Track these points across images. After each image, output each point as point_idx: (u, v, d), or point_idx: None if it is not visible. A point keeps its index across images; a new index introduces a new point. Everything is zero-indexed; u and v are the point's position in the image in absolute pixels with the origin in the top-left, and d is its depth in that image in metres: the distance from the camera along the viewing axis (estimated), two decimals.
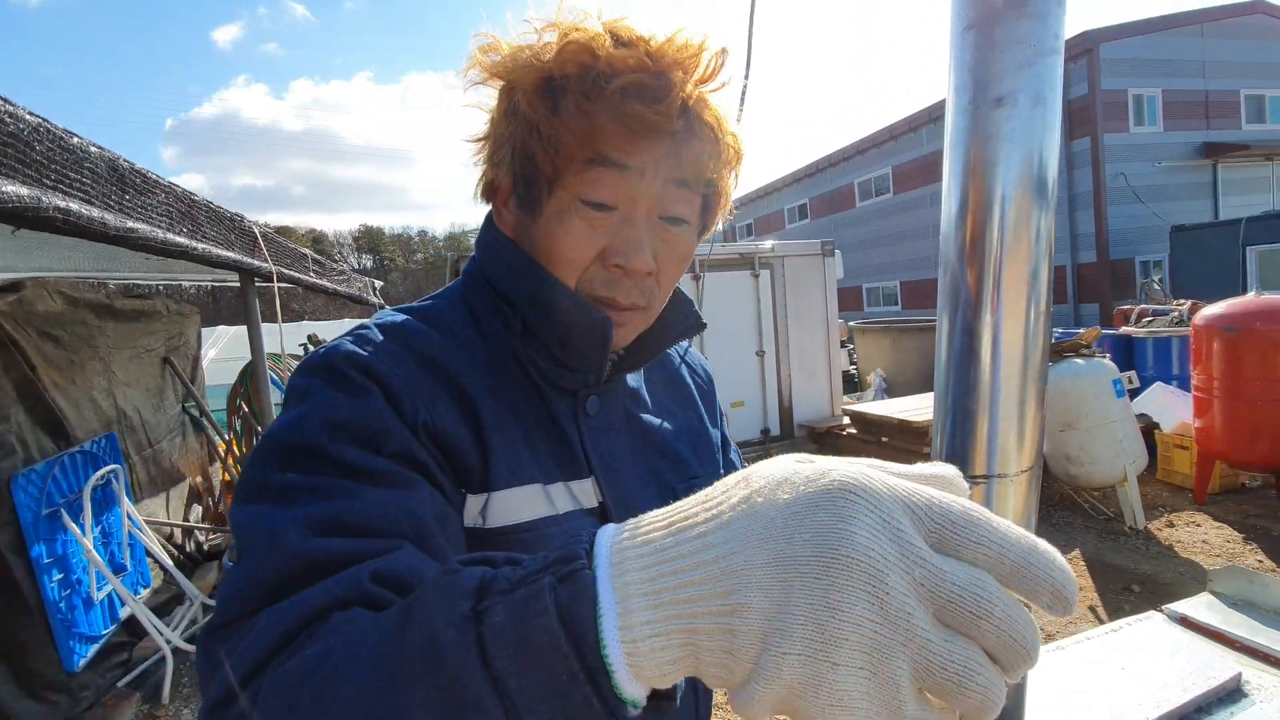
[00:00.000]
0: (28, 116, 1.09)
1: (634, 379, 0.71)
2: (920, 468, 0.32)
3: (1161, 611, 1.25)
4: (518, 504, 0.54)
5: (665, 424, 0.71)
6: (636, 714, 0.29)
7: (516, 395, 0.59)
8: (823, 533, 0.26)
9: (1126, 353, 5.91)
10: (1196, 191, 14.85)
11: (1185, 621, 1.20)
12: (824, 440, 6.40)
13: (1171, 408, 4.75)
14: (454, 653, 0.29)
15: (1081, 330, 5.03)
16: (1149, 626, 1.21)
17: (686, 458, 0.71)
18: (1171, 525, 4.05)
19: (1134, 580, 3.39)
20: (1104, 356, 4.29)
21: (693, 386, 0.80)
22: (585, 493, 0.60)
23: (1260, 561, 3.46)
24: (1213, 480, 4.34)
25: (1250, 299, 3.90)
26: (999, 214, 0.76)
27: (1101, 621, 3.04)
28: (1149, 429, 4.75)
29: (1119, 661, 1.08)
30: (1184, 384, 4.89)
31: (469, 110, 0.61)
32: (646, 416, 0.70)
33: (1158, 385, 5.08)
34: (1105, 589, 3.34)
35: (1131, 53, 13.85)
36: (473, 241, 0.68)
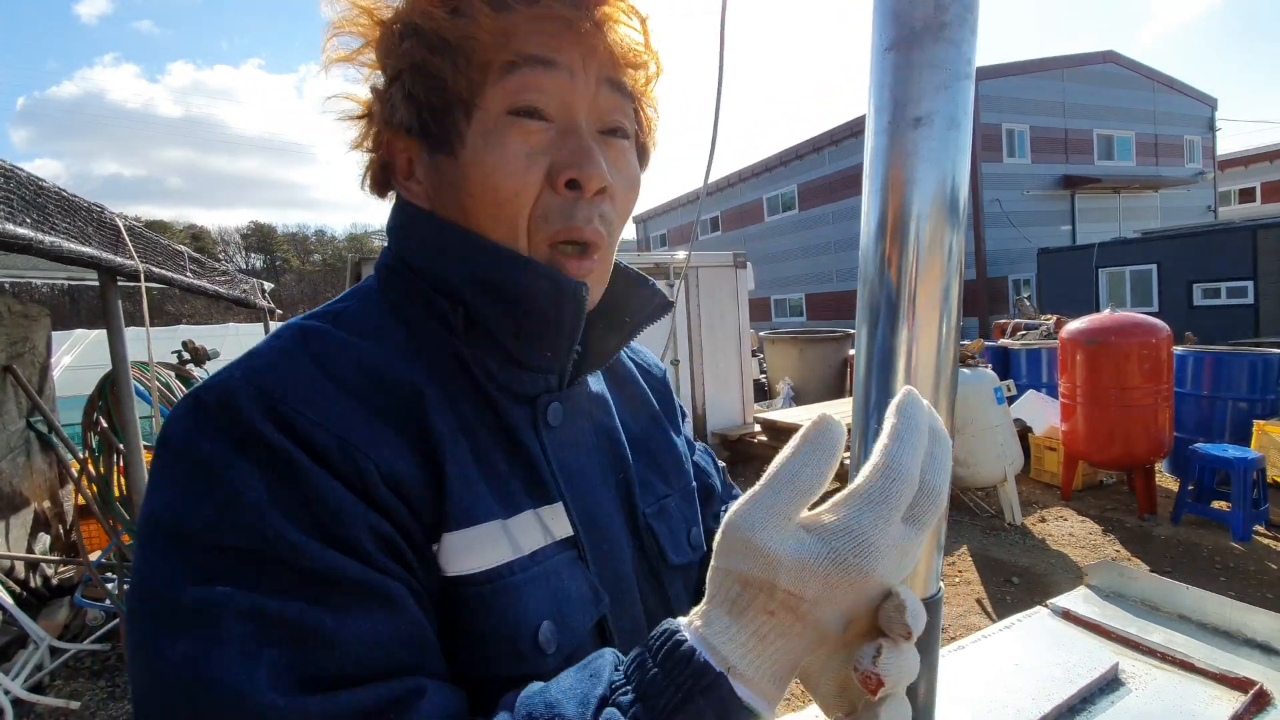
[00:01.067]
0: None
1: (596, 382, 0.61)
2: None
3: (1046, 606, 1.33)
4: (473, 548, 0.44)
5: (628, 434, 0.62)
6: None
7: (465, 409, 0.48)
8: None
9: (1004, 363, 6.46)
10: (1058, 218, 16.63)
11: (1067, 615, 1.28)
12: (736, 448, 6.55)
13: (1042, 413, 5.22)
14: None
15: (966, 342, 5.44)
16: (1035, 621, 1.29)
17: (651, 477, 0.62)
18: (1043, 520, 4.44)
19: (1014, 572, 3.68)
20: (987, 366, 4.66)
21: (648, 390, 0.70)
22: (558, 520, 0.50)
23: (1118, 550, 3.86)
24: (1076, 478, 4.80)
25: (1107, 315, 4.36)
26: (915, 231, 0.77)
27: (988, 612, 3.27)
28: (1023, 432, 5.19)
29: (1013, 657, 1.14)
30: (1053, 391, 5.40)
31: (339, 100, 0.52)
32: (616, 427, 0.61)
33: (1030, 392, 5.57)
34: (989, 581, 3.60)
35: (1005, 91, 15.35)
36: (378, 244, 0.59)
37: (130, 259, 2.62)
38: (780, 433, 5.98)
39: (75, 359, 7.28)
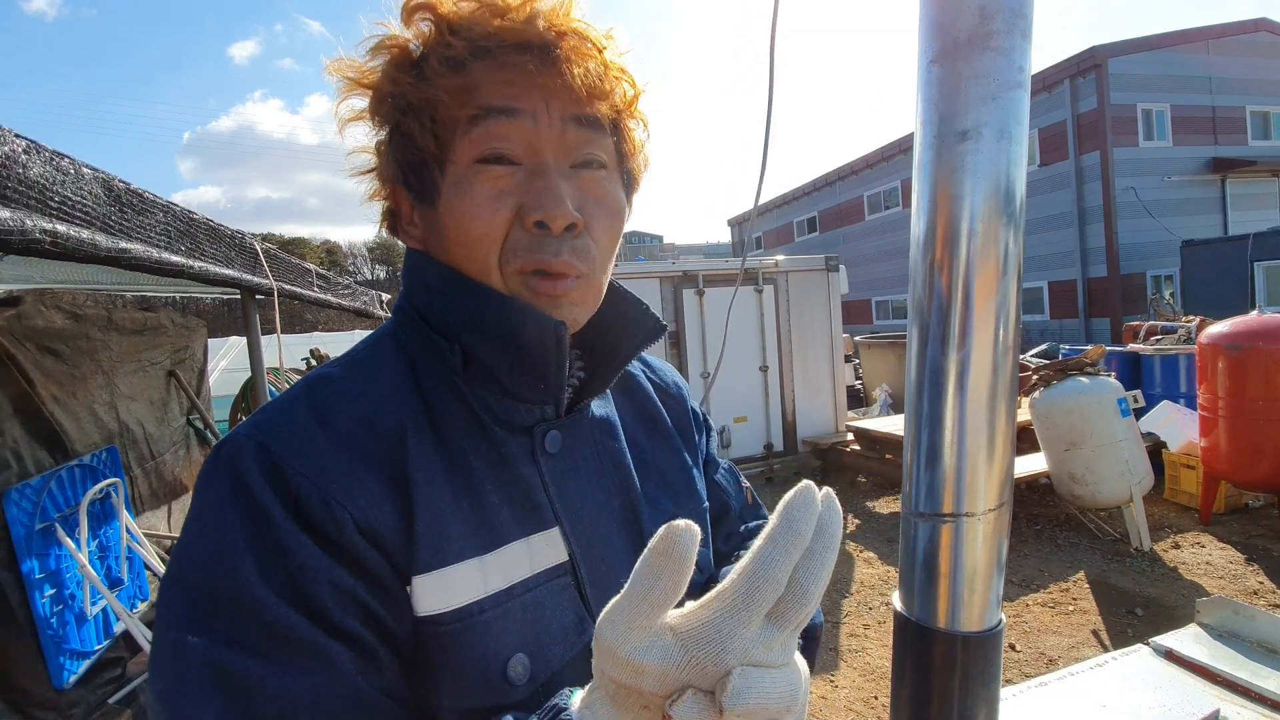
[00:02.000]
0: (14, 139, 1.11)
1: (601, 407, 0.62)
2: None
3: (1148, 644, 1.22)
4: (441, 589, 0.47)
5: (640, 456, 0.64)
6: None
7: (461, 444, 0.51)
8: None
9: (1134, 370, 5.85)
10: (1206, 206, 14.78)
11: (1170, 655, 1.17)
12: (827, 456, 6.36)
13: (1178, 427, 4.69)
14: None
15: (1087, 348, 4.98)
16: (1135, 660, 1.18)
17: (661, 497, 0.63)
18: (1177, 546, 3.98)
19: (1138, 603, 3.33)
20: (1109, 374, 4.25)
21: (661, 407, 0.71)
22: (553, 546, 0.53)
23: (1261, 583, 3.40)
24: (1218, 500, 4.28)
25: (1254, 318, 3.86)
26: (965, 247, 0.75)
27: (1105, 646, 2.99)
28: (1156, 448, 4.69)
29: (1101, 698, 1.06)
30: (1191, 402, 4.83)
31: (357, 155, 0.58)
32: (621, 449, 0.62)
33: (1164, 404, 5.02)
34: (1109, 612, 3.28)
35: (1139, 68, 13.85)
36: None
37: (265, 278, 2.95)
38: (875, 442, 5.73)
39: (229, 362, 8.18)
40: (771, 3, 0.81)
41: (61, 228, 1.25)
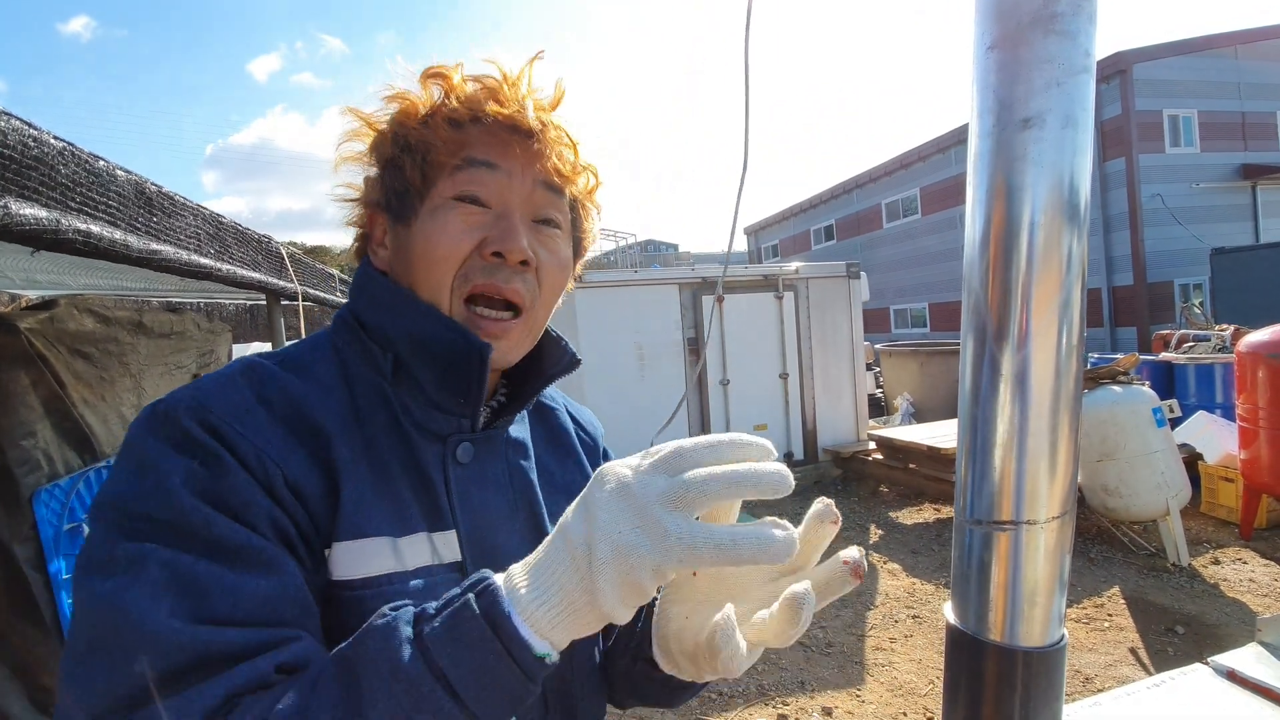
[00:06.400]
0: (52, 140, 1.11)
1: (518, 430, 0.69)
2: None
3: (1207, 664, 1.16)
4: (359, 558, 0.52)
5: (548, 478, 0.70)
6: (552, 664, 0.42)
7: (381, 442, 0.57)
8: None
9: (1167, 380, 5.71)
10: (1236, 213, 14.47)
11: (1232, 676, 1.11)
12: (849, 465, 6.27)
13: (1216, 438, 4.56)
14: (409, 666, 0.39)
15: (1118, 356, 4.86)
16: (1194, 680, 1.12)
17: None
18: (1217, 562, 3.85)
19: (1177, 621, 3.22)
20: (1143, 384, 4.14)
21: (577, 440, 0.79)
22: (449, 545, 0.58)
23: None
24: (1259, 514, 4.14)
25: None
26: (1027, 241, 0.72)
27: (1143, 664, 2.89)
28: (1192, 460, 4.55)
29: None
30: (1228, 413, 4.70)
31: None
32: (530, 468, 0.68)
33: (1201, 414, 4.88)
34: (1147, 630, 3.18)
35: (1166, 73, 13.62)
36: None
37: (291, 282, 2.97)
38: (898, 451, 5.64)
39: None
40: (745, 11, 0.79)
41: (95, 228, 1.25)
